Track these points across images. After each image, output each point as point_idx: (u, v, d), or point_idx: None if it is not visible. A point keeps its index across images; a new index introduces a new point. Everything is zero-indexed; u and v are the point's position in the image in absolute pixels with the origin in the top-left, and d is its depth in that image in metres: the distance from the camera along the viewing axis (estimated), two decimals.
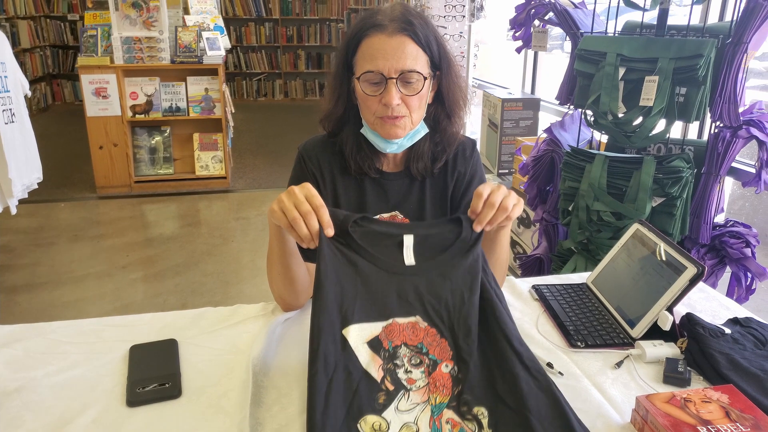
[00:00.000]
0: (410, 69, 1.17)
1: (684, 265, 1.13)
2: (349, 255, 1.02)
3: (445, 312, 0.99)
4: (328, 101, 1.31)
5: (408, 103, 1.20)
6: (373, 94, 1.19)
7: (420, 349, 0.94)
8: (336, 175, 1.33)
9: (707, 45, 1.65)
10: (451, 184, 1.36)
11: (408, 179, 1.34)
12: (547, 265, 2.28)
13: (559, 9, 2.17)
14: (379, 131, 1.24)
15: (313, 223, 1.00)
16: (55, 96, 8.46)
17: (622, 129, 1.85)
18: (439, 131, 1.32)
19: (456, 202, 1.36)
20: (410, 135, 1.26)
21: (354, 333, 0.95)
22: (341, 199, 1.33)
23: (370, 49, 1.18)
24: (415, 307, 0.99)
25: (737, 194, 3.13)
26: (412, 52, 1.18)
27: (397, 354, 0.93)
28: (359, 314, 0.97)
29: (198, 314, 1.26)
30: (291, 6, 8.95)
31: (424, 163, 1.32)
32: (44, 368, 1.06)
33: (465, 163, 1.37)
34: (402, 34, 1.18)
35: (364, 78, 1.19)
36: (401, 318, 0.98)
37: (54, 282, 3.27)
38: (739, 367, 1.03)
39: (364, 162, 1.30)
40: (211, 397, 1.00)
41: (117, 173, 4.76)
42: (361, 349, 0.94)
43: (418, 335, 0.96)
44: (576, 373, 1.08)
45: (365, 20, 1.22)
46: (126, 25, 4.50)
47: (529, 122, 3.45)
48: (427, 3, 4.01)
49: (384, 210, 1.34)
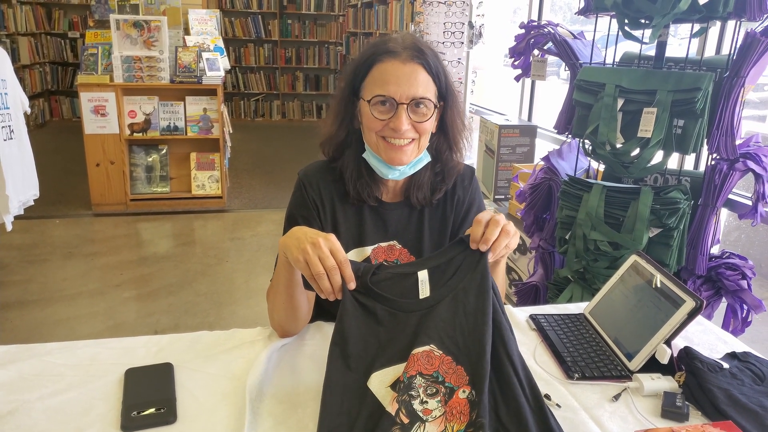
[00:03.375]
0: (422, 96, 1.19)
1: (682, 298, 1.13)
2: (369, 305, 1.04)
3: (460, 337, 0.98)
4: (331, 124, 1.31)
5: (417, 128, 1.22)
6: (382, 117, 1.20)
7: (436, 378, 0.93)
8: (336, 202, 1.32)
9: (705, 78, 1.68)
10: (451, 212, 1.37)
11: (407, 209, 1.35)
12: (543, 293, 2.28)
13: (559, 39, 2.20)
14: (382, 155, 1.24)
15: (337, 278, 1.01)
16: (53, 112, 8.48)
17: (620, 159, 1.87)
18: (441, 161, 1.34)
19: (455, 229, 1.37)
20: (413, 163, 1.27)
21: (376, 380, 0.95)
22: (341, 227, 1.32)
23: (383, 75, 1.20)
24: (431, 336, 0.99)
25: (733, 225, 3.15)
26: (423, 81, 1.20)
27: (412, 385, 0.93)
28: (380, 362, 0.97)
29: (194, 338, 1.25)
30: (290, 28, 9.04)
31: (423, 193, 1.33)
32: (38, 391, 1.04)
33: (464, 190, 1.38)
34: (415, 62, 1.20)
35: (374, 101, 1.20)
36: (418, 348, 0.97)
37: (46, 299, 3.24)
38: (738, 403, 1.02)
39: (364, 190, 1.30)
40: (207, 424, 0.99)
41: (113, 191, 4.76)
42: (382, 392, 0.94)
43: (434, 364, 0.95)
44: (573, 406, 1.07)
45: (377, 46, 1.23)
46: (127, 44, 4.54)
47: (525, 149, 3.47)
48: (426, 29, 4.06)
49: (382, 239, 1.34)
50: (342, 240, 1.27)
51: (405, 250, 1.34)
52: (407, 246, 1.34)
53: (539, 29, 2.32)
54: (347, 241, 1.32)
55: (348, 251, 1.31)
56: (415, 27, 4.25)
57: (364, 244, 1.33)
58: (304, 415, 0.99)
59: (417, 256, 1.34)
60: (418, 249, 1.35)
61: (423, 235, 1.35)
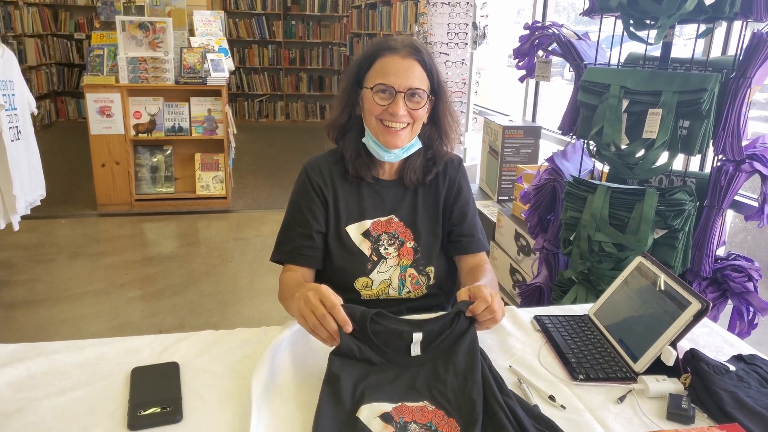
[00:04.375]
0: (417, 87, 1.38)
1: (688, 300, 1.13)
2: (365, 350, 1.10)
3: (451, 394, 1.04)
4: (336, 110, 1.49)
5: (411, 115, 1.40)
6: (382, 103, 1.38)
7: (429, 427, 0.98)
8: (337, 181, 1.49)
9: (711, 79, 1.67)
10: (444, 189, 1.53)
11: (402, 187, 1.52)
12: (547, 294, 2.28)
13: (563, 40, 2.20)
14: (380, 138, 1.41)
15: (331, 324, 1.08)
16: (59, 113, 8.51)
17: (624, 160, 1.86)
18: (432, 148, 1.52)
19: (448, 206, 1.53)
20: (407, 147, 1.45)
21: (365, 411, 0.99)
22: (341, 203, 1.48)
23: (384, 67, 1.38)
24: (423, 394, 1.05)
25: (739, 227, 3.13)
26: (419, 74, 1.39)
27: (408, 428, 0.98)
28: (370, 397, 1.02)
29: (199, 337, 1.26)
30: (294, 29, 9.06)
31: (417, 175, 1.50)
32: (45, 389, 1.05)
33: (455, 171, 1.55)
34: (412, 58, 1.39)
35: (376, 89, 1.38)
36: (410, 403, 1.03)
37: (52, 299, 3.26)
38: (745, 405, 1.02)
39: (362, 168, 1.47)
40: (213, 423, 0.99)
41: (118, 191, 4.77)
42: (373, 422, 0.97)
43: (427, 416, 1.00)
44: (578, 407, 1.07)
45: (380, 44, 1.42)
46: (132, 46, 4.56)
47: (529, 150, 3.47)
48: (430, 30, 4.06)
49: (381, 214, 1.50)
50: (343, 214, 1.48)
51: (401, 223, 1.50)
52: (403, 220, 1.51)
53: (543, 30, 2.31)
54: (348, 215, 1.48)
55: (349, 224, 1.48)
56: (419, 28, 4.25)
57: (364, 218, 1.49)
58: (310, 414, 0.99)
59: (412, 229, 1.50)
60: (413, 222, 1.51)
61: (417, 209, 1.51)
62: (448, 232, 1.53)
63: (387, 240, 1.47)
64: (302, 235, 1.46)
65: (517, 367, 1.19)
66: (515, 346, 1.28)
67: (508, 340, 1.30)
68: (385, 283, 1.46)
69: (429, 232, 1.51)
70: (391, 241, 1.47)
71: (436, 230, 1.52)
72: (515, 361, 1.21)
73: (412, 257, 1.48)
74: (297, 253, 1.46)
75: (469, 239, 1.52)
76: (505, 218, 3.06)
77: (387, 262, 1.46)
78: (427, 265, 1.49)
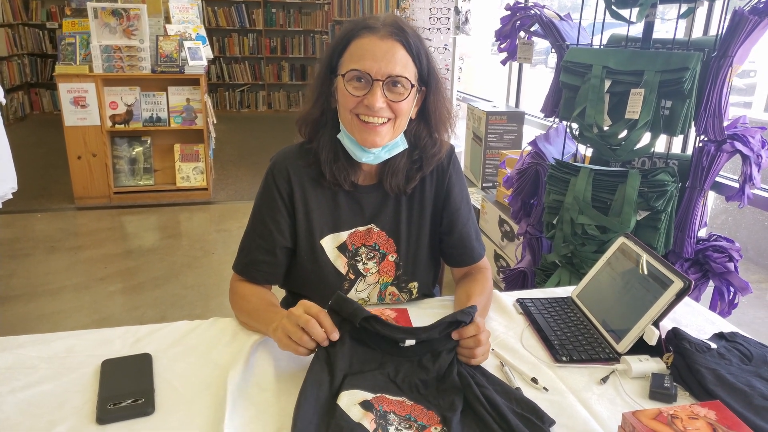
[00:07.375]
0: (399, 74, 1.15)
1: (670, 279, 1.12)
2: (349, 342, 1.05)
3: (432, 389, 1.02)
4: (308, 102, 1.28)
5: (392, 108, 1.17)
6: (356, 94, 1.15)
7: (408, 418, 0.95)
8: (307, 188, 1.29)
9: (693, 58, 1.66)
10: (431, 191, 1.34)
11: (382, 191, 1.31)
12: (531, 279, 2.27)
13: (545, 21, 2.17)
14: (356, 136, 1.19)
15: (317, 331, 1.01)
16: (33, 105, 8.34)
17: (607, 142, 1.85)
18: (420, 149, 1.29)
19: (438, 211, 1.34)
20: (389, 147, 1.23)
21: (345, 398, 0.96)
22: (313, 213, 1.29)
23: (359, 50, 1.15)
24: (403, 390, 1.02)
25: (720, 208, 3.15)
26: (401, 59, 1.15)
27: (387, 417, 0.95)
28: (350, 384, 0.99)
29: (173, 328, 1.22)
30: (275, 17, 8.94)
31: (398, 180, 1.28)
32: (10, 384, 1.01)
33: (443, 171, 1.34)
34: (393, 39, 1.15)
35: (349, 76, 1.15)
36: (390, 396, 1.00)
37: (29, 294, 3.19)
38: (726, 382, 1.01)
39: (340, 173, 1.26)
40: (186, 414, 0.96)
41: (96, 184, 4.68)
42: (353, 409, 0.94)
43: (405, 409, 0.98)
44: (561, 389, 1.06)
45: (356, 23, 1.19)
46: (105, 34, 4.44)
47: (513, 135, 3.45)
48: (412, 15, 4.02)
49: (360, 223, 1.31)
50: (316, 225, 1.27)
51: (383, 233, 1.32)
52: (385, 229, 1.32)
53: (525, 11, 2.29)
54: (321, 227, 1.29)
55: (323, 237, 1.30)
56: (400, 13, 4.20)
57: (340, 229, 1.31)
58: (287, 403, 0.97)
59: (395, 238, 1.33)
60: (396, 231, 1.32)
61: (400, 217, 1.32)
62: (439, 239, 1.38)
63: (366, 254, 1.31)
64: (262, 249, 1.30)
65: (500, 350, 1.17)
66: (497, 329, 1.26)
67: (491, 324, 1.28)
68: (363, 301, 1.34)
69: (414, 242, 1.34)
70: (371, 255, 1.31)
71: (422, 239, 1.34)
72: (498, 344, 1.19)
73: (394, 273, 1.33)
74: (254, 268, 1.30)
75: (461, 251, 1.37)
76: (489, 204, 3.05)
77: (366, 280, 1.32)
78: (410, 280, 1.35)
